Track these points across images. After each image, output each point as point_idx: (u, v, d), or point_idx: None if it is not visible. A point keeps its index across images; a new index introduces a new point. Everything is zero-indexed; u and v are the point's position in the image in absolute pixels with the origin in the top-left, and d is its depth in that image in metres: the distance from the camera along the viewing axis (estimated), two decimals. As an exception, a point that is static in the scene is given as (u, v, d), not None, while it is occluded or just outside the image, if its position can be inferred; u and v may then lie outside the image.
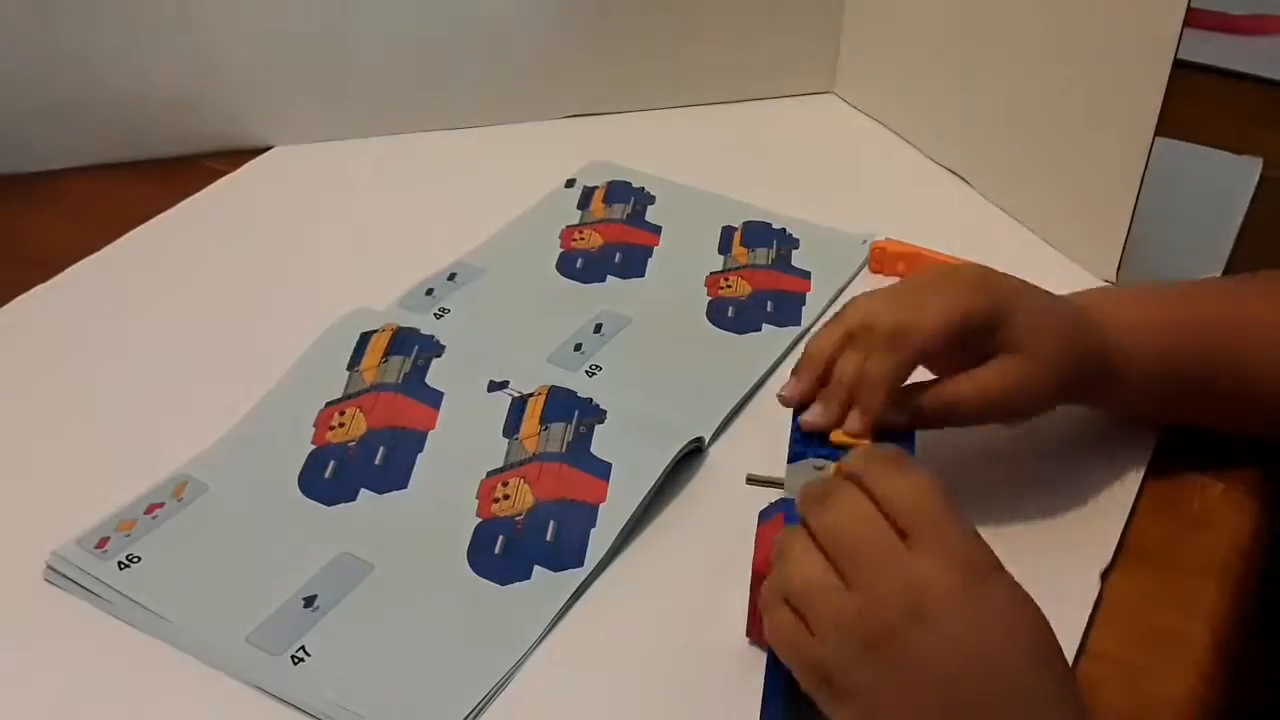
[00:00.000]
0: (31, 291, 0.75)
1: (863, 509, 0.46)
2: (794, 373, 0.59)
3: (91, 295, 0.75)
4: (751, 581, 0.53)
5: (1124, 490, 0.64)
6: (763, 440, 0.65)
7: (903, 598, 0.44)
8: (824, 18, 0.94)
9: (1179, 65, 0.69)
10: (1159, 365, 0.61)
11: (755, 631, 0.54)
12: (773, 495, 0.57)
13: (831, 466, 0.55)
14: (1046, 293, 0.60)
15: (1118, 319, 0.61)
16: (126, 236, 0.80)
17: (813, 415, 0.57)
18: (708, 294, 0.76)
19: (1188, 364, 0.61)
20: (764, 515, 0.54)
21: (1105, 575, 0.59)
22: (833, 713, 0.46)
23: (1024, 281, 0.60)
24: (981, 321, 0.57)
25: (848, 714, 0.45)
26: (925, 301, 0.57)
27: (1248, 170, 0.90)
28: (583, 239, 0.80)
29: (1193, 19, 0.68)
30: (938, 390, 0.58)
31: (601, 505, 0.61)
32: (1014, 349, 0.57)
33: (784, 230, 0.82)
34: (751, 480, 0.58)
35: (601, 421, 0.65)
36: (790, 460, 0.57)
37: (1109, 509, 0.63)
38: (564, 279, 0.77)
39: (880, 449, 0.50)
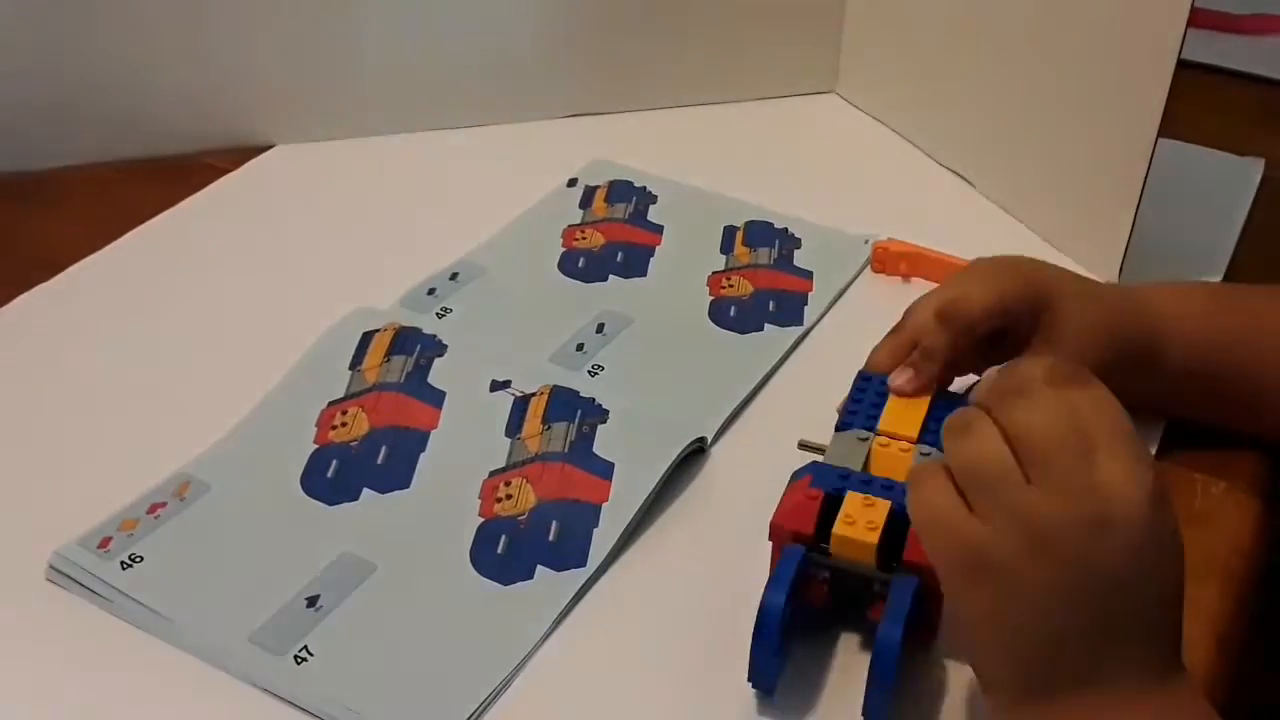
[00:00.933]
0: (32, 291, 0.75)
1: (1058, 410, 0.45)
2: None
3: (92, 295, 0.75)
4: (770, 534, 0.54)
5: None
6: (766, 439, 0.65)
7: (1090, 504, 0.44)
8: (825, 17, 0.94)
9: (1182, 65, 0.69)
10: (1198, 360, 0.63)
11: None
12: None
13: (872, 438, 0.58)
14: (1093, 282, 0.64)
15: (1163, 310, 0.63)
16: (127, 236, 0.80)
17: (896, 379, 0.61)
18: (710, 294, 0.76)
19: (1226, 363, 0.64)
20: (796, 475, 0.56)
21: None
22: (962, 594, 0.46)
23: (1069, 272, 0.64)
24: (1021, 306, 0.60)
25: (983, 597, 0.45)
26: (970, 285, 0.61)
27: (1250, 171, 0.90)
28: (584, 238, 0.80)
29: (1195, 19, 0.67)
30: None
31: (604, 505, 0.61)
32: (1051, 336, 0.60)
33: (786, 230, 0.82)
34: (803, 445, 0.61)
35: (604, 421, 0.65)
36: (838, 428, 0.59)
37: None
38: (566, 278, 0.77)
39: (1065, 364, 0.48)
